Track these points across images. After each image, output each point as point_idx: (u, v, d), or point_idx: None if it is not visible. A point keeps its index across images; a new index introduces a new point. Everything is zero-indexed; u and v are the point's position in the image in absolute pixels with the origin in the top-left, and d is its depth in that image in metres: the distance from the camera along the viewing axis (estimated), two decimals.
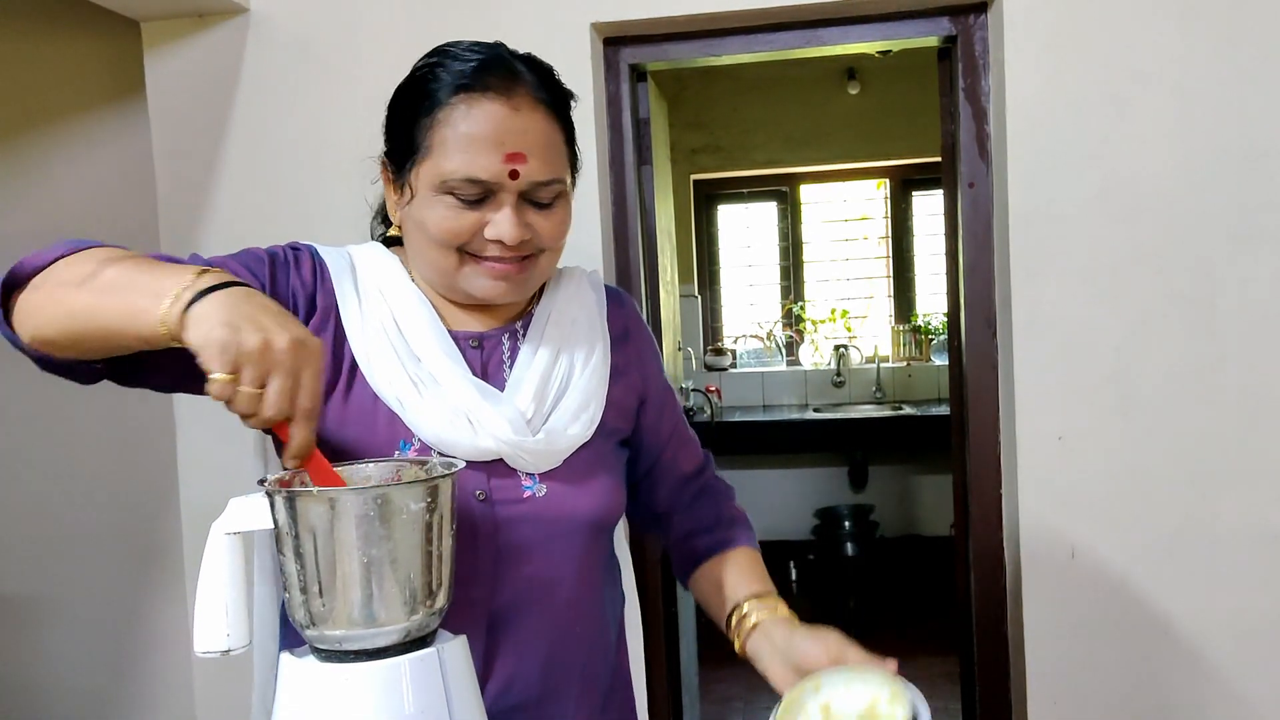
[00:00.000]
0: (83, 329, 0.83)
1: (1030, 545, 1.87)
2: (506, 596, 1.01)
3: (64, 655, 2.39)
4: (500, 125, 0.96)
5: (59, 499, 2.36)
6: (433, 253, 1.00)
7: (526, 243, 0.99)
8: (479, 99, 0.96)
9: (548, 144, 0.99)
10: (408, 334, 1.01)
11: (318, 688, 0.78)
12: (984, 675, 2.01)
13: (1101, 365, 1.84)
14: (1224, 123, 1.79)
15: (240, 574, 0.84)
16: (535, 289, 1.08)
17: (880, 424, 4.21)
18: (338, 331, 1.01)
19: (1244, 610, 1.83)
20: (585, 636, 1.07)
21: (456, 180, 0.96)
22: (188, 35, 1.99)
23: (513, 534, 1.00)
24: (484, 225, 0.97)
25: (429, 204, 0.98)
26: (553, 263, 1.06)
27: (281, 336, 0.76)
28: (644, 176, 2.10)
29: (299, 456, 0.78)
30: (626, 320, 1.16)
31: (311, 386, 0.77)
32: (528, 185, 0.97)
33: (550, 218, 1.01)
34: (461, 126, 0.96)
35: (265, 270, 0.99)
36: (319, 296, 1.01)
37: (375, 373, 0.99)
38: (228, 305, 0.77)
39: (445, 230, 0.97)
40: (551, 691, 1.04)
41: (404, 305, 1.02)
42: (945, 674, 3.32)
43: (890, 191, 4.76)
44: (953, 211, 2.03)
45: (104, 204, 2.30)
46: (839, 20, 1.95)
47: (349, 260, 1.05)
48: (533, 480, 1.02)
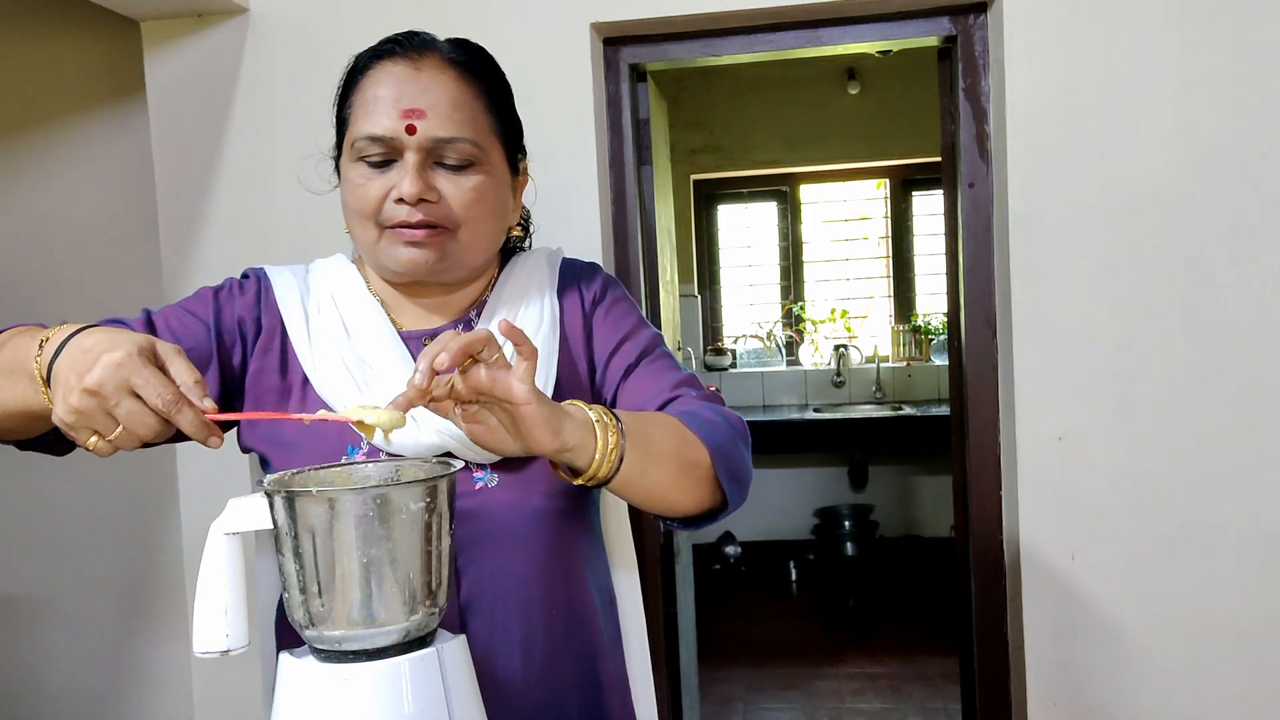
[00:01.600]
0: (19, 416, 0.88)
1: (1030, 546, 1.87)
2: (471, 592, 1.00)
3: (64, 655, 2.39)
4: (401, 84, 0.98)
5: (59, 499, 2.36)
6: (357, 229, 1.02)
7: (432, 207, 0.98)
8: (385, 64, 1.00)
9: (454, 104, 0.99)
10: (355, 338, 1.03)
11: (317, 688, 0.78)
12: (984, 675, 2.01)
13: (1101, 365, 1.84)
14: (1224, 123, 1.79)
15: (240, 574, 0.84)
16: (466, 269, 1.05)
17: (880, 424, 4.21)
18: (284, 349, 1.04)
19: (1244, 610, 1.83)
20: (570, 632, 1.06)
21: (362, 141, 0.98)
22: (187, 35, 1.99)
23: (467, 528, 0.99)
24: (391, 191, 0.99)
25: (347, 179, 1.01)
26: (477, 241, 1.03)
27: (96, 370, 0.76)
28: (644, 176, 2.10)
29: (202, 438, 0.80)
30: (581, 284, 1.12)
31: (153, 384, 0.77)
32: (428, 142, 0.98)
33: (460, 184, 1.00)
34: (368, 91, 1.00)
35: (209, 308, 1.04)
36: (263, 318, 1.05)
37: (321, 382, 1.01)
38: (62, 368, 0.80)
39: (358, 198, 1.00)
40: (538, 685, 1.03)
41: (353, 310, 1.05)
42: (945, 674, 3.33)
43: (890, 191, 4.76)
44: (953, 211, 2.03)
45: (104, 204, 2.30)
46: (839, 20, 1.95)
47: (304, 276, 1.09)
48: (485, 471, 1.01)
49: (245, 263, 1.98)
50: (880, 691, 3.30)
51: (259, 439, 1.05)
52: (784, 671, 3.47)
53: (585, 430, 0.87)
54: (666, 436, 0.94)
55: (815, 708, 3.20)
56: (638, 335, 1.10)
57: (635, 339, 1.10)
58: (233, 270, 1.99)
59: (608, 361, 1.09)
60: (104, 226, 2.31)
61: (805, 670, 3.50)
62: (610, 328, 1.10)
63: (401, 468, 0.88)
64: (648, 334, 1.11)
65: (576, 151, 1.90)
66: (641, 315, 1.15)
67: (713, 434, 0.97)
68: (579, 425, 0.86)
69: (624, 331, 1.10)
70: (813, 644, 3.78)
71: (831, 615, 4.10)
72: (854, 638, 3.85)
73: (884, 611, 4.10)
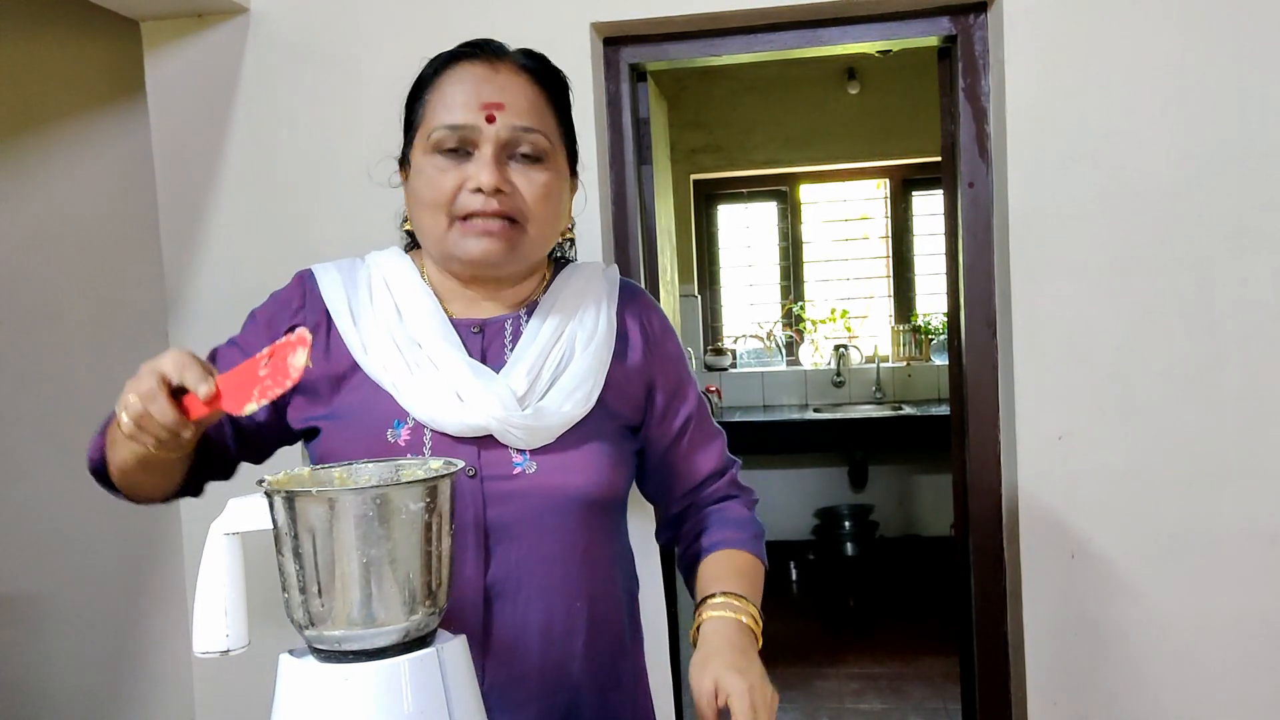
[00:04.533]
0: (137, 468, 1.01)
1: (1030, 545, 1.87)
2: (499, 572, 1.02)
3: (64, 655, 2.39)
4: (479, 81, 1.03)
5: (59, 499, 2.36)
6: (426, 220, 1.04)
7: (506, 198, 1.02)
8: (462, 65, 1.04)
9: (529, 102, 1.04)
10: (409, 322, 1.06)
11: (317, 688, 0.78)
12: (984, 675, 2.01)
13: (1101, 365, 1.84)
14: (1224, 123, 1.79)
15: (240, 574, 0.84)
16: (527, 263, 1.08)
17: (880, 424, 4.21)
18: (329, 337, 1.07)
19: (1244, 610, 1.83)
20: (592, 624, 1.07)
21: (440, 131, 1.02)
22: (187, 35, 1.99)
23: (502, 509, 1.02)
24: (466, 181, 1.01)
25: (420, 170, 1.04)
26: (543, 238, 1.07)
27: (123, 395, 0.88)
28: (644, 176, 2.10)
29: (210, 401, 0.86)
30: (641, 311, 1.16)
31: (141, 382, 0.87)
32: (506, 131, 1.02)
33: (533, 179, 1.03)
34: (446, 90, 1.04)
35: (261, 328, 1.10)
36: (307, 314, 1.09)
37: (372, 361, 1.04)
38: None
39: (432, 188, 1.02)
40: (554, 672, 1.04)
41: (407, 296, 1.08)
42: (945, 674, 3.33)
43: (890, 191, 4.76)
44: (953, 211, 2.03)
45: (104, 204, 2.30)
46: (839, 20, 1.95)
47: (354, 266, 1.12)
48: (524, 457, 1.03)
49: (246, 262, 2.00)
50: (880, 691, 3.30)
51: (308, 415, 1.08)
52: (784, 671, 3.47)
53: (753, 644, 1.03)
54: (757, 580, 1.12)
55: (815, 708, 3.20)
56: (687, 393, 1.18)
57: (686, 399, 1.17)
58: (232, 269, 2.00)
59: (663, 415, 1.16)
60: (104, 226, 2.30)
61: (805, 670, 3.50)
62: (666, 374, 1.16)
63: (401, 467, 0.88)
64: (694, 394, 1.19)
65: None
66: (683, 350, 1.21)
67: (758, 546, 1.15)
68: (753, 648, 1.02)
69: (675, 384, 1.17)
70: (813, 644, 3.79)
71: (831, 615, 4.10)
72: (854, 638, 3.85)
73: (884, 611, 4.10)
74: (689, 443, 1.17)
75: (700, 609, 1.06)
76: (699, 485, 1.18)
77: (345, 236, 1.92)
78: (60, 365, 2.35)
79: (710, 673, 0.96)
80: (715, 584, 1.08)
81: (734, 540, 1.13)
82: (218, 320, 2.01)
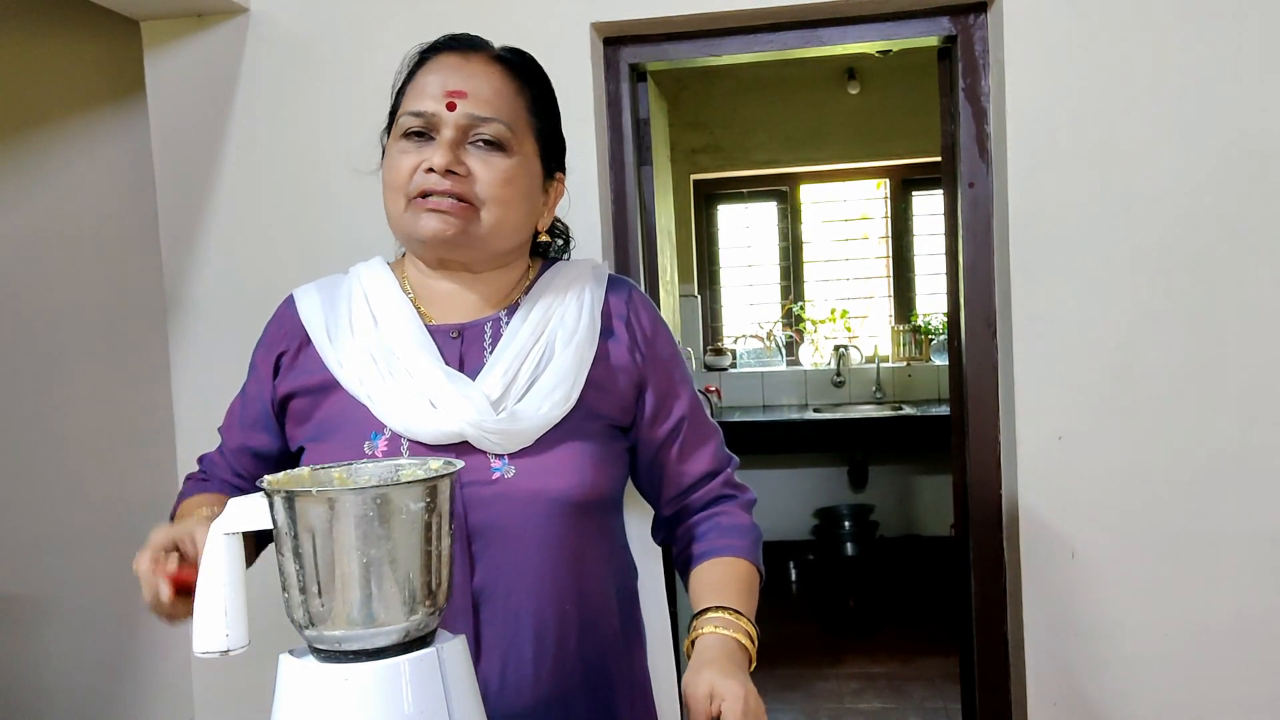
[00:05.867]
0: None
1: (1030, 545, 1.87)
2: (485, 577, 1.02)
3: (64, 655, 2.39)
4: (449, 71, 1.06)
5: (59, 499, 2.36)
6: (389, 202, 1.07)
7: (460, 180, 1.03)
8: (438, 56, 1.08)
9: (494, 91, 1.06)
10: (385, 331, 1.07)
11: (317, 688, 0.78)
12: (984, 675, 2.01)
13: (1101, 365, 1.84)
14: (1224, 123, 1.79)
15: (240, 574, 0.84)
16: (489, 250, 1.08)
17: (880, 424, 4.21)
18: (310, 356, 1.10)
19: (1244, 610, 1.83)
20: (584, 627, 1.06)
21: (405, 117, 1.05)
22: (187, 35, 1.99)
23: (483, 515, 1.01)
24: (423, 163, 1.03)
25: (388, 155, 1.08)
26: (500, 224, 1.06)
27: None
28: (644, 176, 2.10)
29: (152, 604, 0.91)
30: (630, 308, 1.15)
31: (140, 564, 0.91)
32: (465, 119, 1.03)
33: (491, 164, 1.04)
34: (419, 79, 1.07)
35: (261, 370, 1.13)
36: (289, 338, 1.12)
37: (347, 375, 1.05)
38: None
39: (392, 170, 1.05)
40: (549, 676, 1.03)
41: (384, 305, 1.09)
42: (945, 674, 3.33)
43: (890, 191, 4.76)
44: (953, 211, 2.03)
45: (104, 204, 2.30)
46: (839, 20, 1.95)
47: (337, 282, 1.14)
48: (502, 461, 1.03)
49: (245, 262, 2.00)
50: (880, 691, 3.30)
51: (295, 436, 1.11)
52: (784, 672, 3.47)
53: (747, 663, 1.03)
54: (752, 590, 1.11)
55: (815, 708, 3.20)
56: (680, 394, 1.16)
57: (679, 399, 1.16)
58: (232, 269, 2.00)
59: (654, 418, 1.14)
60: (104, 226, 2.30)
61: (805, 670, 3.50)
62: (658, 374, 1.15)
63: (401, 467, 0.88)
64: (687, 394, 1.17)
65: (576, 151, 1.87)
66: (677, 349, 1.20)
67: (755, 553, 1.14)
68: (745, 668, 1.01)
69: (667, 385, 1.15)
70: (813, 644, 3.79)
71: (831, 615, 4.10)
72: (854, 638, 3.85)
73: (884, 611, 4.10)
74: (682, 445, 1.15)
75: (696, 622, 1.06)
76: (692, 487, 1.17)
77: (345, 236, 1.92)
78: (60, 365, 2.35)
79: (705, 679, 0.96)
80: (712, 595, 1.07)
81: (730, 547, 1.13)
82: (218, 320, 2.01)
